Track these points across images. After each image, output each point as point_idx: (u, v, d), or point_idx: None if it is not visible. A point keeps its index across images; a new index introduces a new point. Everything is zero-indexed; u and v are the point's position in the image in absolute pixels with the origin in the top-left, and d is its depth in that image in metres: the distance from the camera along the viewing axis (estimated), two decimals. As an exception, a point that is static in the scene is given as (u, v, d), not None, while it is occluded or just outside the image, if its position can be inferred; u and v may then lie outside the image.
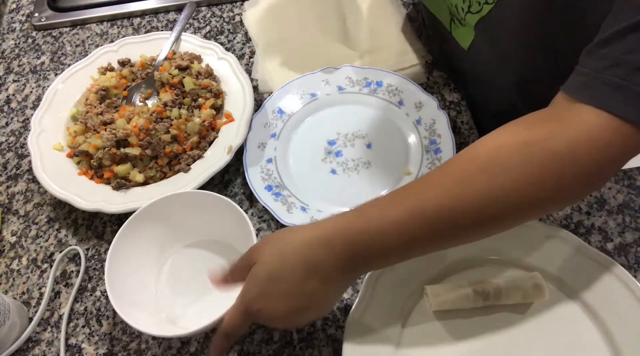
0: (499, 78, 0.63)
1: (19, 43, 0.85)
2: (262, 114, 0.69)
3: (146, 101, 0.70)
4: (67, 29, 0.86)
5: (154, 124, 0.64)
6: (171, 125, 0.65)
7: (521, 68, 0.59)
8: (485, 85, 0.67)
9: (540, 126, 0.40)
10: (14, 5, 0.91)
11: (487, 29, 0.58)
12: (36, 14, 0.87)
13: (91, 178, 0.64)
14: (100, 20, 0.86)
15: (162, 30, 0.83)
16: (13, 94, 0.78)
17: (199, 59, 0.74)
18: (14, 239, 0.64)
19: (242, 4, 0.86)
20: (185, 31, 0.81)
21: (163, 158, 0.63)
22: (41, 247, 0.63)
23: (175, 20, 0.84)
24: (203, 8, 0.86)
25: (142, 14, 0.86)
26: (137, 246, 0.55)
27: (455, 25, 0.63)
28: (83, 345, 0.55)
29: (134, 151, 0.62)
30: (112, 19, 0.86)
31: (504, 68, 0.61)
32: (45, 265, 0.61)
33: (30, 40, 0.85)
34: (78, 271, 0.60)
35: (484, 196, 0.39)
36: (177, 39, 0.75)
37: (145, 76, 0.72)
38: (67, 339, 0.56)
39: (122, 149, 0.62)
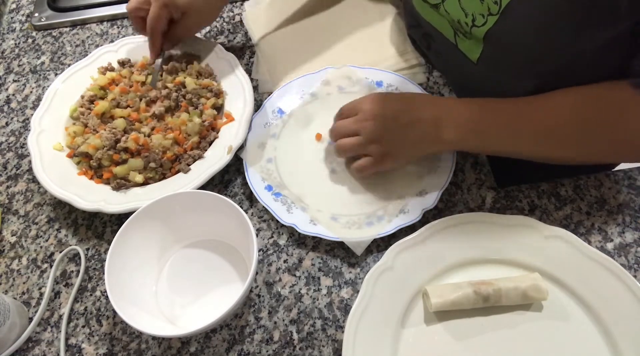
0: (512, 89, 0.59)
1: (19, 43, 0.85)
2: (262, 114, 0.69)
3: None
4: (67, 29, 0.86)
5: (150, 131, 0.65)
6: (170, 128, 0.65)
7: (539, 77, 0.56)
8: (496, 96, 0.61)
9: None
10: (14, 5, 0.91)
11: (497, 40, 0.55)
12: (36, 14, 0.87)
13: (91, 178, 0.64)
14: (100, 20, 0.86)
15: (162, 30, 0.83)
16: (13, 94, 0.78)
17: (198, 59, 0.74)
18: (14, 239, 0.64)
19: (242, 4, 0.86)
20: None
21: (166, 164, 0.63)
22: (41, 247, 0.63)
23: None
24: (203, 8, 0.86)
25: (142, 14, 0.86)
26: (137, 246, 0.55)
27: (461, 39, 0.61)
28: (83, 345, 0.55)
29: (137, 163, 0.62)
30: (112, 19, 0.86)
31: (519, 78, 0.58)
32: (45, 265, 0.61)
33: (30, 40, 0.85)
34: (78, 271, 0.60)
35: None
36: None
37: (145, 77, 0.72)
38: (67, 339, 0.56)
39: (122, 155, 0.63)
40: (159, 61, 0.72)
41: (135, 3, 0.68)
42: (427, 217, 0.59)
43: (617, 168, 0.64)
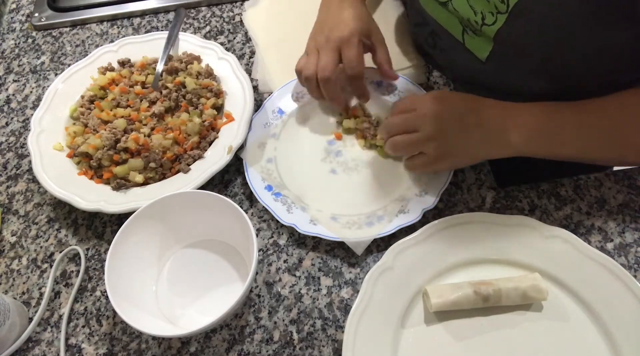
0: (523, 88, 0.59)
1: (19, 43, 0.85)
2: (262, 114, 0.69)
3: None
4: (67, 29, 0.86)
5: (150, 131, 0.65)
6: (170, 128, 0.65)
7: (553, 77, 0.56)
8: (503, 94, 0.61)
9: None
10: (14, 5, 0.91)
11: (508, 39, 0.54)
12: (36, 14, 0.87)
13: (91, 178, 0.64)
14: (100, 20, 0.86)
15: (162, 30, 0.83)
16: (13, 94, 0.78)
17: (198, 59, 0.74)
18: (14, 239, 0.64)
19: (242, 4, 0.86)
20: (185, 31, 0.81)
21: (166, 164, 0.63)
22: (41, 247, 0.63)
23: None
24: (203, 8, 0.86)
25: (142, 14, 0.86)
26: (137, 246, 0.55)
27: (469, 36, 0.60)
28: (83, 345, 0.55)
29: (137, 163, 0.62)
30: (112, 19, 0.86)
31: (531, 78, 0.57)
32: (45, 265, 0.61)
33: (30, 40, 0.85)
34: (78, 271, 0.60)
35: None
36: (173, 45, 0.75)
37: (146, 77, 0.72)
38: (67, 339, 0.56)
39: (122, 155, 0.63)
40: (161, 64, 0.72)
41: (332, 72, 0.61)
42: (427, 217, 0.59)
43: (617, 168, 0.64)
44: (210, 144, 0.66)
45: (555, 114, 0.54)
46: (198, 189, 0.60)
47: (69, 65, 0.79)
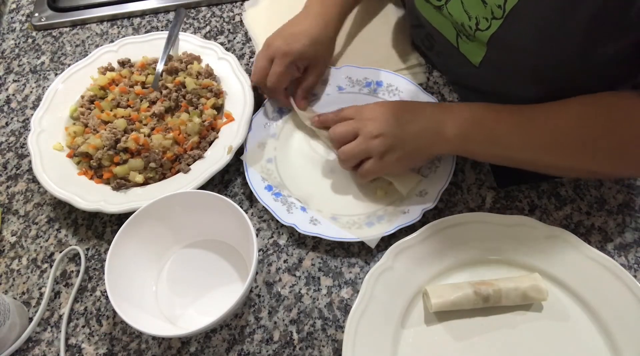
0: (515, 94, 0.58)
1: (19, 43, 0.85)
2: (262, 114, 0.69)
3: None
4: (67, 29, 0.86)
5: (150, 131, 0.65)
6: (170, 128, 0.65)
7: (543, 84, 0.55)
8: (497, 99, 0.61)
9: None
10: (14, 5, 0.91)
11: (501, 45, 0.54)
12: (36, 14, 0.87)
13: (91, 178, 0.64)
14: (100, 20, 0.86)
15: (162, 30, 0.83)
16: (13, 94, 0.78)
17: (198, 59, 0.74)
18: (14, 239, 0.64)
19: (242, 4, 0.86)
20: (185, 31, 0.81)
21: (166, 164, 0.63)
22: (41, 247, 0.63)
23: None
24: (203, 8, 0.86)
25: (142, 14, 0.86)
26: (137, 246, 0.55)
27: (463, 41, 0.60)
28: (83, 345, 0.55)
29: (137, 163, 0.62)
30: (112, 19, 0.86)
31: (523, 84, 0.58)
32: (45, 265, 0.61)
33: (30, 40, 0.85)
34: (78, 271, 0.60)
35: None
36: (173, 45, 0.75)
37: (146, 77, 0.72)
38: (67, 339, 0.56)
39: (122, 155, 0.63)
40: (161, 65, 0.72)
41: (260, 75, 0.66)
42: (427, 217, 0.59)
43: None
44: (210, 144, 0.66)
45: (493, 112, 0.55)
46: (198, 189, 0.60)
47: (69, 65, 0.79)
